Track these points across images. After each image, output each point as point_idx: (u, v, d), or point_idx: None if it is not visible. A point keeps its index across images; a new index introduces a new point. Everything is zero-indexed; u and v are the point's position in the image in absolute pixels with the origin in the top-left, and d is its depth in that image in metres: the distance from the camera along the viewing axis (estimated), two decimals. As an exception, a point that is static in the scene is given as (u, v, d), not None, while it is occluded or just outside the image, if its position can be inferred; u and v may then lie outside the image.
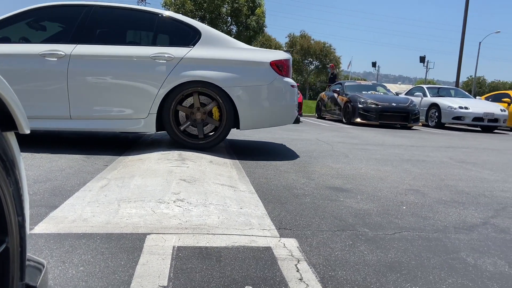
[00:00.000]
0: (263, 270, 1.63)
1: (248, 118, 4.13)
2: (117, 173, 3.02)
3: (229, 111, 4.07)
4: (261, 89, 4.14)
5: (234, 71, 4.05)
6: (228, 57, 4.09)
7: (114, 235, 1.87)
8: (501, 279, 1.70)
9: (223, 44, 4.21)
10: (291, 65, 4.42)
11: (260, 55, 4.24)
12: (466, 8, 19.43)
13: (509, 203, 2.97)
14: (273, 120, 4.36)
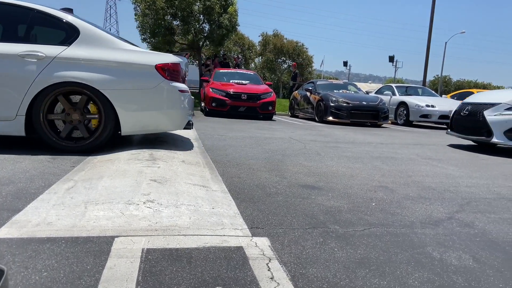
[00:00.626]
0: (234, 270, 1.62)
1: (130, 122, 3.99)
2: (84, 174, 2.93)
3: (109, 114, 3.89)
4: (144, 93, 3.99)
5: (114, 73, 3.87)
6: (108, 58, 3.90)
7: (80, 238, 1.82)
8: (465, 272, 1.76)
9: (104, 44, 3.99)
10: (182, 69, 4.30)
11: (145, 57, 4.07)
12: (432, 9, 20.03)
13: (473, 198, 3.08)
14: (158, 125, 4.22)
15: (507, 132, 5.60)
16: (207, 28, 20.30)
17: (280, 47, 41.16)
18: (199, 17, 19.63)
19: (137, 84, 3.96)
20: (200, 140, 5.46)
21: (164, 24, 18.97)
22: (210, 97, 10.78)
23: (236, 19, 20.11)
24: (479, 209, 2.77)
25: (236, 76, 12.45)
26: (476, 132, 6.08)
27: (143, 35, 20.07)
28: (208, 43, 21.43)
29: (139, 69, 3.99)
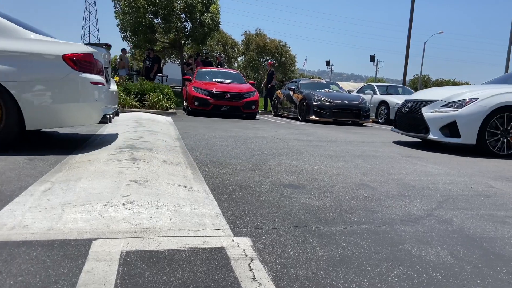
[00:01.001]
0: (215, 271, 1.61)
1: (35, 117, 3.74)
2: (62, 176, 2.87)
3: (10, 108, 3.62)
4: (51, 85, 3.75)
5: (16, 64, 3.62)
6: (8, 48, 3.64)
7: (56, 242, 1.77)
8: (443, 269, 1.78)
9: (5, 33, 3.70)
10: (97, 60, 4.08)
11: (52, 47, 3.80)
12: (411, 10, 20.36)
13: (451, 195, 3.13)
14: (67, 119, 3.97)
15: (442, 128, 5.66)
16: (189, 27, 20.16)
17: (263, 46, 41.20)
18: (181, 16, 19.48)
19: (43, 76, 3.73)
20: (183, 139, 5.41)
21: (145, 22, 18.76)
22: (193, 96, 10.71)
23: (219, 17, 20.04)
24: (457, 206, 2.82)
25: (219, 75, 12.40)
26: (416, 128, 6.13)
27: (124, 33, 19.81)
28: (190, 41, 21.29)
29: (45, 59, 3.74)
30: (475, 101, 5.50)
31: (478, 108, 5.46)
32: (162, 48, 24.37)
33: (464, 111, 5.51)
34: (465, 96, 5.62)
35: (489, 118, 5.45)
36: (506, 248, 2.08)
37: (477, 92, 5.65)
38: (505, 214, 2.69)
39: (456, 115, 5.54)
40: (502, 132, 5.53)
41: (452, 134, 5.58)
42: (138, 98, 10.35)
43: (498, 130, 5.51)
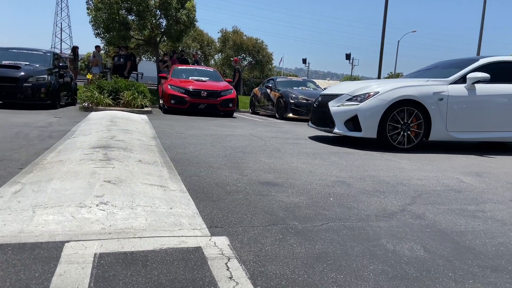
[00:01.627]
0: (192, 271, 1.59)
1: None
2: (33, 177, 2.78)
3: None
4: None
5: None
6: None
7: (27, 244, 1.72)
8: (417, 263, 1.83)
9: None
10: None
11: None
12: (385, 9, 20.72)
13: (424, 190, 3.21)
14: None
15: (347, 122, 5.62)
16: (164, 24, 19.89)
17: (240, 44, 41.10)
18: (156, 12, 19.19)
19: None
20: (159, 138, 5.34)
21: (119, 19, 18.38)
22: (169, 94, 10.58)
23: (194, 14, 19.85)
24: (430, 201, 2.90)
25: (195, 73, 12.28)
26: (324, 122, 6.08)
27: (97, 30, 19.35)
28: (165, 39, 21.01)
29: None
30: (376, 95, 5.44)
31: (378, 102, 5.40)
32: (136, 45, 23.96)
33: (365, 104, 5.45)
34: (368, 90, 5.57)
35: (390, 112, 5.39)
36: (477, 241, 2.15)
37: (380, 86, 5.61)
38: (475, 208, 2.78)
39: (357, 109, 5.50)
40: (402, 126, 5.46)
41: (355, 128, 5.54)
42: (113, 96, 10.14)
43: (399, 124, 5.45)
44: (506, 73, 5.88)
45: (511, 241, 2.18)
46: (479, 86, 5.64)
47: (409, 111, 5.46)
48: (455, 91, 5.57)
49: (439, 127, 5.55)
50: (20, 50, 10.38)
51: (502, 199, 3.09)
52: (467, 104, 5.60)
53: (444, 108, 5.52)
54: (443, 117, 5.54)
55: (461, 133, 5.65)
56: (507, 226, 2.43)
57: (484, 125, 5.74)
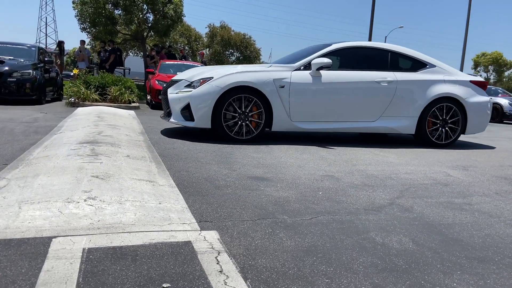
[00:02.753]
0: (182, 265, 1.58)
1: None
2: (18, 172, 2.73)
3: None
4: None
5: None
6: None
7: (14, 240, 1.69)
8: (406, 255, 1.85)
9: None
10: None
11: None
12: (373, 4, 20.83)
13: (412, 184, 3.25)
14: None
15: (183, 110, 5.00)
16: (151, 18, 19.68)
17: (228, 39, 40.94)
18: (143, 7, 18.96)
19: None
20: (146, 134, 5.29)
21: (105, 13, 18.12)
22: (157, 89, 10.48)
23: (182, 9, 19.67)
24: (418, 194, 2.93)
25: (182, 68, 12.18)
26: (167, 112, 5.44)
27: (83, 24, 19.05)
28: (153, 33, 20.79)
29: None
30: (210, 81, 4.88)
31: (211, 88, 4.84)
32: (123, 40, 23.66)
33: (198, 91, 4.87)
34: (203, 75, 5.00)
35: (225, 99, 4.85)
36: (464, 233, 2.18)
37: (216, 71, 5.08)
38: (462, 201, 2.82)
39: (189, 96, 4.91)
40: (241, 115, 4.94)
41: (191, 117, 4.95)
42: (99, 91, 10.00)
43: (236, 113, 4.93)
44: (359, 59, 5.53)
45: (497, 232, 2.22)
46: (326, 73, 5.19)
47: (248, 99, 4.93)
48: (299, 78, 5.10)
49: (281, 116, 5.06)
50: (4, 44, 10.16)
51: (488, 192, 3.15)
52: (312, 92, 5.16)
53: (286, 96, 5.03)
54: (286, 106, 5.06)
55: (307, 123, 5.21)
56: (493, 218, 2.48)
57: (332, 115, 5.30)
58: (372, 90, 5.34)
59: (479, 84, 5.83)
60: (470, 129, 5.71)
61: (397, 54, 5.64)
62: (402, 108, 5.45)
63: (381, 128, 5.47)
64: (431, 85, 5.52)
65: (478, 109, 5.68)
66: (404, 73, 5.53)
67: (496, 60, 52.65)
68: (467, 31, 24.04)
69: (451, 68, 5.88)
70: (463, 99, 5.56)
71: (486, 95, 5.85)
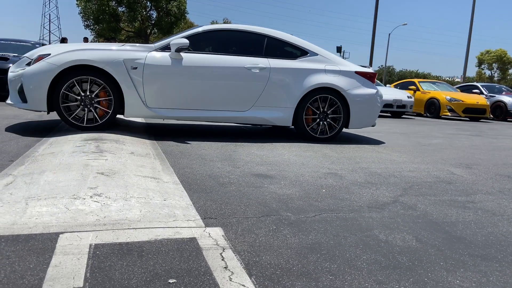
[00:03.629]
0: (187, 261, 1.60)
1: None
2: (24, 169, 2.76)
3: None
4: None
5: None
6: None
7: (21, 236, 1.71)
8: (409, 252, 1.86)
9: None
10: None
11: None
12: (376, 2, 20.75)
13: (415, 182, 3.25)
14: None
15: (20, 91, 4.38)
16: (155, 16, 19.71)
17: (231, 36, 40.87)
18: (146, 4, 18.98)
19: None
20: (150, 131, 5.31)
21: (109, 11, 18.16)
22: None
23: (185, 6, 19.69)
24: (421, 192, 2.94)
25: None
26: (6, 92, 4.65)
27: (86, 21, 19.11)
28: (156, 31, 20.83)
29: None
30: (46, 58, 4.27)
31: (46, 66, 4.22)
32: (127, 37, 23.70)
33: (31, 69, 4.26)
34: (41, 52, 4.40)
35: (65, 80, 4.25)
36: (467, 231, 2.19)
37: (57, 47, 4.49)
38: (465, 199, 2.82)
39: (22, 74, 4.31)
40: (82, 100, 4.35)
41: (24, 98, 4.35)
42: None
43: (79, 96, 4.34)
44: (232, 43, 5.04)
45: (500, 231, 2.23)
46: (189, 56, 4.70)
47: (95, 82, 4.36)
48: (155, 60, 4.56)
49: (134, 102, 4.51)
50: (8, 41, 10.21)
51: (492, 190, 3.15)
52: (172, 76, 4.62)
53: (140, 79, 4.49)
54: (140, 91, 4.52)
55: (166, 110, 4.68)
56: (496, 216, 2.48)
57: (197, 102, 4.76)
58: (242, 77, 4.85)
59: (366, 76, 5.36)
60: (355, 123, 5.26)
61: (275, 40, 5.14)
62: (277, 98, 4.97)
63: (254, 118, 4.97)
64: (309, 75, 5.06)
65: (363, 101, 5.23)
66: (280, 60, 5.04)
67: (500, 57, 52.37)
68: (471, 29, 23.93)
69: (336, 57, 5.40)
70: (345, 90, 5.11)
71: (373, 87, 5.40)
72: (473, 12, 23.99)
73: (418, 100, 13.49)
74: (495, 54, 52.54)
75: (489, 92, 15.01)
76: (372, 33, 21.67)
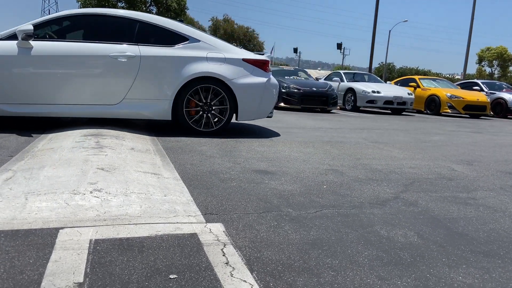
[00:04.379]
0: (188, 257, 1.59)
1: None
2: (24, 164, 2.74)
3: None
4: None
5: None
6: None
7: (21, 231, 1.70)
8: (411, 248, 1.85)
9: None
10: None
11: None
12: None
13: (416, 178, 3.24)
14: None
15: None
16: (155, 11, 19.63)
17: (231, 32, 40.81)
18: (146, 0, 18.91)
19: None
20: (150, 127, 5.30)
21: (108, 6, 18.08)
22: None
23: (185, 2, 19.63)
24: (422, 189, 2.93)
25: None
26: None
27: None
28: (156, 27, 20.77)
29: None
30: None
31: None
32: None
33: None
34: None
35: None
36: (469, 227, 2.18)
37: None
38: (467, 196, 2.82)
39: None
40: None
41: None
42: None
43: None
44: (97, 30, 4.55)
45: (502, 227, 2.22)
46: (41, 44, 4.22)
47: None
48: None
49: None
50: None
51: (493, 186, 3.14)
52: (20, 66, 4.16)
53: None
54: None
55: (16, 106, 4.22)
56: (498, 212, 2.48)
57: (54, 96, 4.29)
58: (106, 66, 4.38)
59: (256, 63, 4.87)
60: (245, 115, 4.85)
61: (148, 25, 4.67)
62: (151, 89, 4.52)
63: (127, 113, 4.54)
64: (189, 63, 4.58)
65: (252, 91, 4.78)
66: (153, 47, 4.57)
67: (501, 54, 52.28)
68: (472, 26, 23.86)
69: (223, 43, 4.90)
70: (230, 79, 4.64)
71: (265, 75, 4.92)
72: (473, 9, 23.92)
73: (418, 97, 13.46)
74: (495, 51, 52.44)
75: (490, 89, 14.98)
76: (373, 30, 21.62)
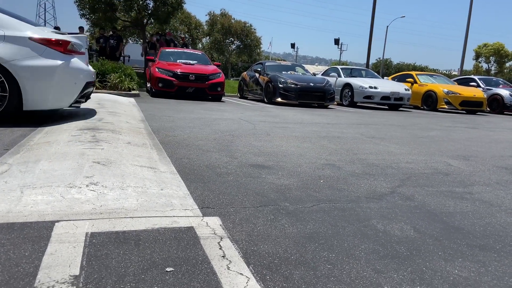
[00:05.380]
0: (185, 250, 1.59)
1: None
2: (19, 157, 2.72)
3: None
4: None
5: None
6: None
7: (16, 224, 1.69)
8: (407, 242, 1.85)
9: None
10: None
11: None
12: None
13: (413, 173, 3.25)
14: None
15: None
16: (151, 5, 19.49)
17: (228, 27, 40.60)
18: (143, -7, 18.78)
19: None
20: (147, 121, 5.28)
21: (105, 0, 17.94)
22: (157, 77, 10.43)
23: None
24: (419, 183, 2.93)
25: (183, 56, 12.12)
26: None
27: (82, 10, 18.89)
28: (153, 20, 20.63)
29: None
30: None
31: None
32: (123, 27, 23.49)
33: None
34: None
35: None
36: (465, 222, 2.19)
37: None
38: (463, 190, 2.82)
39: None
40: None
41: None
42: (99, 78, 9.95)
43: None
44: None
45: (498, 221, 2.23)
46: None
47: None
48: None
49: None
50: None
51: (489, 181, 3.15)
52: None
53: None
54: None
55: None
56: (494, 207, 2.49)
57: None
58: None
59: (49, 43, 4.14)
60: (32, 103, 4.10)
61: None
62: None
63: None
64: None
65: (41, 76, 4.06)
66: None
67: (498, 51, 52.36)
68: (469, 22, 23.86)
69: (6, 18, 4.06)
70: (8, 61, 3.86)
71: (61, 58, 4.21)
72: (471, 6, 23.91)
73: (415, 92, 13.48)
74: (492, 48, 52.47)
75: (486, 85, 15.01)
76: (370, 26, 21.58)
